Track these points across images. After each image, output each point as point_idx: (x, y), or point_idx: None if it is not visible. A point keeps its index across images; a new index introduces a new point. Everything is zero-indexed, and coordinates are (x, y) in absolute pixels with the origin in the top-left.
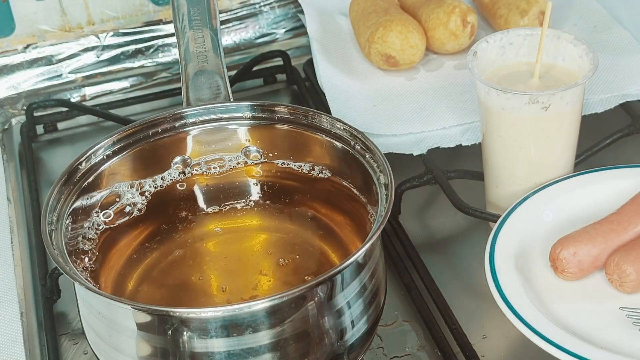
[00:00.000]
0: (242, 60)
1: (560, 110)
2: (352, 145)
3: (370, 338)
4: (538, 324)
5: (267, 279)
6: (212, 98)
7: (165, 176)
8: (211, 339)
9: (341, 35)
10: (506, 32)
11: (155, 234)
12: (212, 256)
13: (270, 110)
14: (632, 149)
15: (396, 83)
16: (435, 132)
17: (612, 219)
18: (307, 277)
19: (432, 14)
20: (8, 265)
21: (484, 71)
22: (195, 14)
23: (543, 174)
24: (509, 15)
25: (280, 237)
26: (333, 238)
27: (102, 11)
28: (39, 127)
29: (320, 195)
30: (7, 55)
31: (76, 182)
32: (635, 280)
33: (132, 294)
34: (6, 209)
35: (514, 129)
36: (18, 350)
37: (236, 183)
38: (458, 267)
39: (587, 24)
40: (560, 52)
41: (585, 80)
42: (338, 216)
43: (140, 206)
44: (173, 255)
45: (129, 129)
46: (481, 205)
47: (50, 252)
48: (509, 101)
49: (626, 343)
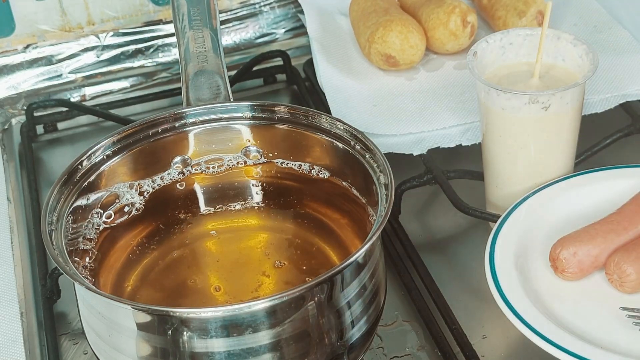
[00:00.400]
0: (242, 60)
1: (560, 110)
2: (352, 145)
3: (370, 338)
4: (538, 324)
5: (267, 279)
6: (212, 98)
7: (165, 176)
8: (211, 339)
9: (341, 35)
10: (506, 32)
11: (156, 234)
12: (212, 256)
13: (270, 110)
14: (632, 149)
15: (396, 83)
16: (435, 132)
17: (612, 219)
18: (307, 277)
19: (432, 14)
20: (8, 265)
21: (484, 71)
22: (195, 14)
23: (543, 174)
24: (507, 16)
25: (281, 237)
26: (333, 238)
27: (102, 11)
28: (39, 127)
29: (320, 196)
30: (7, 55)
31: (76, 182)
32: (635, 280)
33: (132, 294)
34: (6, 209)
35: (514, 129)
36: (18, 350)
37: (236, 183)
38: (458, 267)
39: (587, 24)
40: (560, 52)
41: (585, 80)
42: (338, 216)
43: (140, 206)
44: (173, 255)
45: (129, 129)
46: (481, 205)
47: (50, 252)
48: (509, 101)
49: (626, 343)
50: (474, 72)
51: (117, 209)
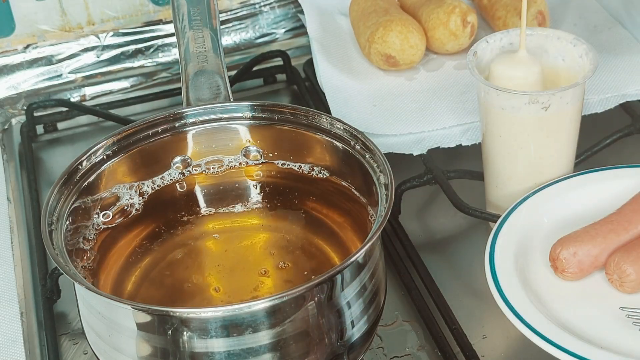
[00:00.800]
0: (242, 60)
1: (560, 110)
2: (352, 145)
3: (370, 338)
4: (538, 324)
5: (267, 279)
6: (212, 98)
7: (165, 176)
8: (211, 339)
9: (341, 35)
10: (506, 32)
11: (155, 234)
12: (213, 256)
13: (270, 110)
14: (632, 149)
15: (396, 83)
16: (435, 132)
17: (612, 219)
18: (307, 277)
19: (432, 14)
20: (8, 265)
21: (483, 71)
22: (195, 14)
23: (543, 174)
24: (507, 16)
25: (281, 237)
26: (333, 238)
27: (102, 11)
28: (39, 127)
29: (320, 196)
30: (7, 55)
31: (76, 182)
32: (635, 280)
33: (132, 294)
34: (6, 209)
35: (514, 129)
36: (18, 350)
37: (236, 184)
38: (458, 267)
39: (587, 24)
40: (560, 52)
41: (586, 80)
42: (338, 216)
43: (140, 206)
44: (173, 255)
45: (129, 129)
46: (481, 205)
47: (50, 252)
48: (508, 101)
49: (626, 343)
50: (473, 72)
51: (117, 209)
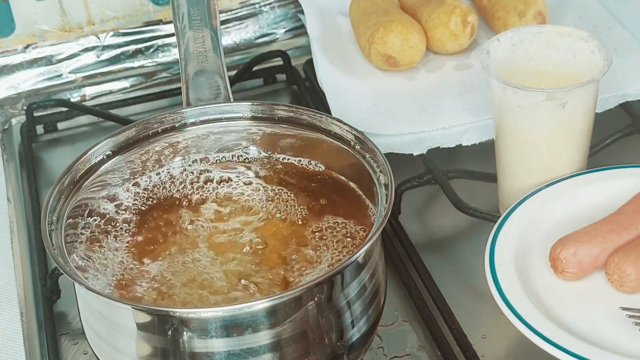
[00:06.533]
0: (242, 60)
1: (576, 106)
2: (352, 145)
3: (370, 338)
4: (538, 324)
5: (268, 280)
6: (212, 98)
7: (165, 176)
8: (211, 339)
9: (341, 35)
10: (516, 30)
11: (155, 233)
12: (212, 256)
13: (270, 110)
14: (632, 149)
15: (396, 83)
16: (435, 132)
17: (612, 219)
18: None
19: (433, 14)
20: (8, 265)
21: (496, 69)
22: (195, 14)
23: (558, 171)
24: (506, 17)
25: (281, 237)
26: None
27: (102, 11)
28: (39, 127)
29: (320, 195)
30: (7, 55)
31: (76, 182)
32: (635, 280)
33: (131, 294)
34: (6, 209)
35: (531, 127)
36: (18, 350)
37: (236, 184)
38: (458, 267)
39: (587, 24)
40: (571, 49)
41: (602, 75)
42: (338, 216)
43: (139, 206)
44: (173, 255)
45: (129, 129)
46: (481, 205)
47: (50, 252)
48: (525, 99)
49: (626, 343)
50: (489, 71)
51: (117, 209)
